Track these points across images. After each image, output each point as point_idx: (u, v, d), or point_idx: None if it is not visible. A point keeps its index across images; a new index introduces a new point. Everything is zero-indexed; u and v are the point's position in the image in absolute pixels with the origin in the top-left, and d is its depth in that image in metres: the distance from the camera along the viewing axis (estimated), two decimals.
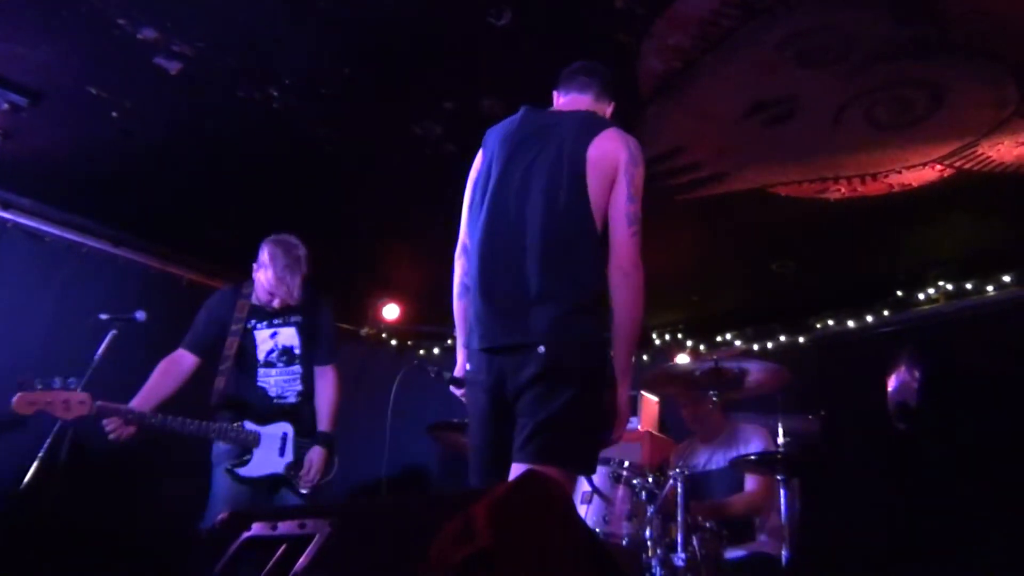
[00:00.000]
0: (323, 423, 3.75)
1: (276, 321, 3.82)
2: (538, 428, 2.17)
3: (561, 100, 2.70)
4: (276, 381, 3.77)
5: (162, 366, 3.72)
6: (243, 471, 3.59)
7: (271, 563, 1.48)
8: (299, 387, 3.79)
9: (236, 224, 5.28)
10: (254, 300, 3.82)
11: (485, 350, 2.31)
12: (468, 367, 2.41)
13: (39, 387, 3.28)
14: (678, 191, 4.58)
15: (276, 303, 3.77)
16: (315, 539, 1.47)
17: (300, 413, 3.76)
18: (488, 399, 2.30)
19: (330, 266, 4.15)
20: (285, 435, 3.68)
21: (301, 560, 1.45)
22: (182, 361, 3.74)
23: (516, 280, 2.30)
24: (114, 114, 4.03)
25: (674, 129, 4.02)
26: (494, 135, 2.58)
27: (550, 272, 2.26)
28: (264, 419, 3.68)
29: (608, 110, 2.69)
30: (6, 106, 3.94)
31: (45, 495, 3.59)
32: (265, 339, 3.79)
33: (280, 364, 3.79)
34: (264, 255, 3.75)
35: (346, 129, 4.13)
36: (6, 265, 4.91)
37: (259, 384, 3.75)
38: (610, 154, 2.37)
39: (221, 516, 1.64)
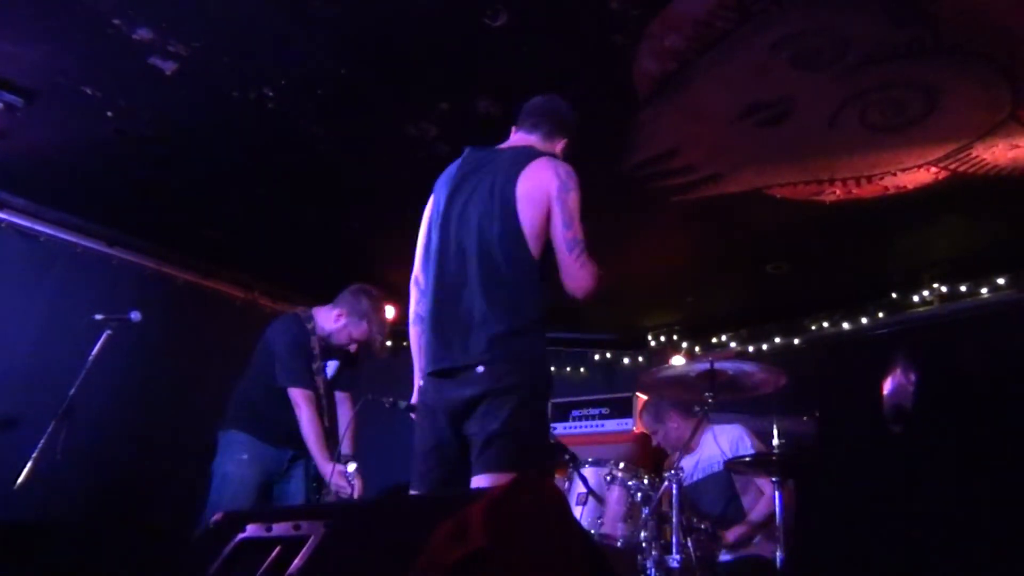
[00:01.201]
0: (349, 445, 3.87)
1: (329, 354, 4.00)
2: (489, 439, 2.29)
3: (512, 137, 2.81)
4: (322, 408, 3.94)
5: (313, 412, 3.72)
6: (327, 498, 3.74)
7: (265, 564, 1.48)
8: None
9: (231, 224, 5.28)
10: (320, 333, 3.94)
11: (432, 374, 2.47)
12: (420, 389, 2.57)
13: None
14: (673, 192, 4.58)
15: (353, 348, 3.96)
16: (310, 540, 1.47)
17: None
18: (439, 421, 2.42)
19: (325, 266, 4.16)
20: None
21: (296, 561, 1.44)
22: (316, 399, 3.80)
23: (458, 309, 2.45)
24: (109, 114, 4.02)
25: (669, 131, 4.02)
26: (441, 178, 2.75)
27: (487, 300, 2.41)
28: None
29: (558, 147, 2.77)
30: (0, 106, 3.94)
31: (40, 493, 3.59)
32: (321, 371, 3.96)
33: (324, 397, 3.96)
34: (363, 306, 3.91)
35: (341, 129, 4.12)
36: (0, 265, 4.90)
37: None
38: (540, 184, 2.49)
39: (215, 517, 1.64)
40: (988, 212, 4.69)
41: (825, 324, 5.92)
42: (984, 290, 5.17)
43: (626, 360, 7.12)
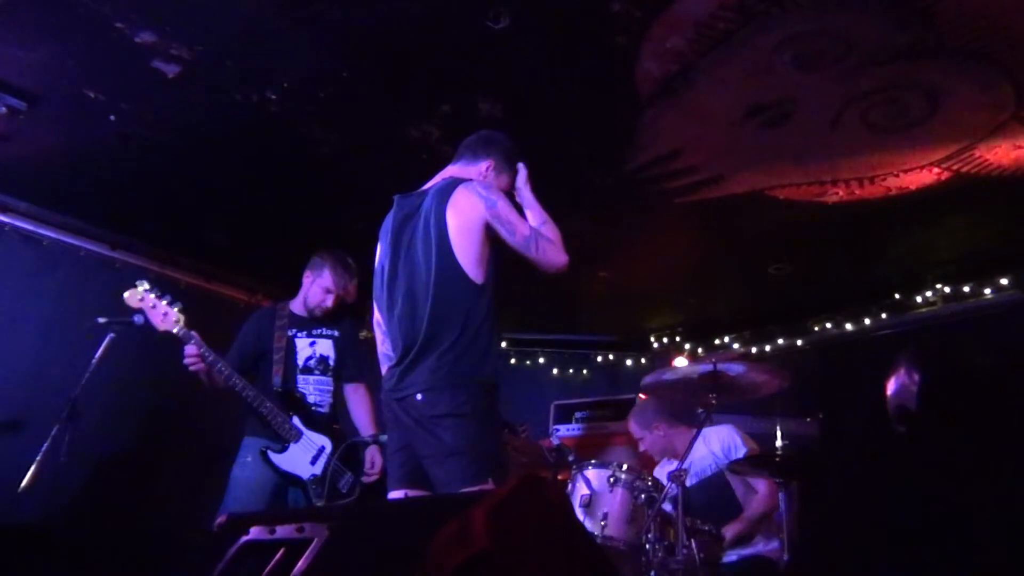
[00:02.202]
0: (369, 428, 3.98)
1: (315, 331, 4.03)
2: (434, 461, 2.49)
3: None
4: (314, 388, 3.94)
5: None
6: (275, 457, 3.72)
7: (269, 567, 1.48)
8: (331, 399, 3.99)
9: (234, 227, 5.29)
10: (294, 310, 4.03)
11: (390, 400, 2.67)
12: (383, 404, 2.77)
13: (149, 292, 3.52)
14: (676, 194, 4.58)
15: (330, 302, 3.96)
16: (313, 543, 1.47)
17: (335, 427, 3.95)
18: (401, 429, 2.64)
19: None
20: (323, 448, 3.83)
21: (299, 564, 1.44)
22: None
23: (407, 347, 2.63)
24: (112, 117, 4.03)
25: (671, 132, 4.02)
26: (382, 229, 2.92)
27: (428, 335, 2.58)
28: (308, 423, 3.83)
29: (483, 166, 2.90)
30: (3, 109, 3.94)
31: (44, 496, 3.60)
32: (304, 347, 3.98)
33: (317, 372, 3.98)
34: (324, 260, 3.99)
35: (343, 131, 4.13)
36: (3, 268, 4.91)
37: (299, 389, 3.91)
38: (469, 213, 2.64)
39: (219, 519, 1.65)
40: (991, 213, 4.69)
41: (828, 325, 5.92)
42: (987, 290, 5.16)
43: (629, 362, 7.12)
